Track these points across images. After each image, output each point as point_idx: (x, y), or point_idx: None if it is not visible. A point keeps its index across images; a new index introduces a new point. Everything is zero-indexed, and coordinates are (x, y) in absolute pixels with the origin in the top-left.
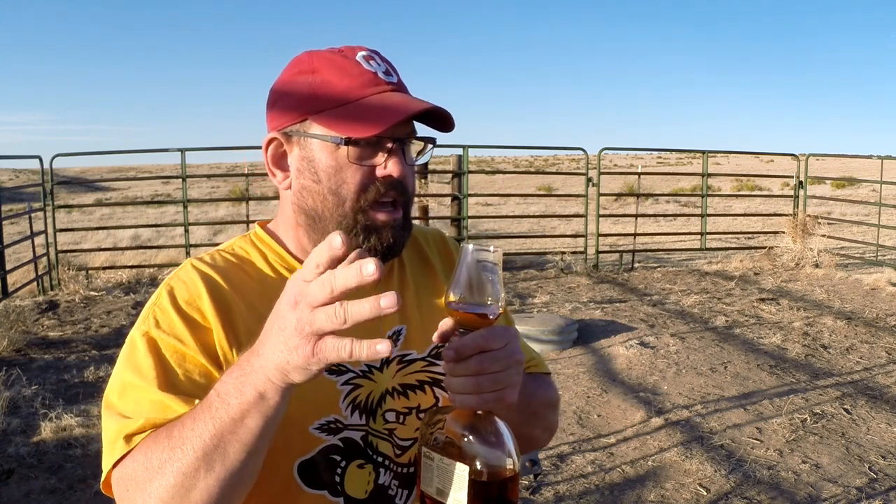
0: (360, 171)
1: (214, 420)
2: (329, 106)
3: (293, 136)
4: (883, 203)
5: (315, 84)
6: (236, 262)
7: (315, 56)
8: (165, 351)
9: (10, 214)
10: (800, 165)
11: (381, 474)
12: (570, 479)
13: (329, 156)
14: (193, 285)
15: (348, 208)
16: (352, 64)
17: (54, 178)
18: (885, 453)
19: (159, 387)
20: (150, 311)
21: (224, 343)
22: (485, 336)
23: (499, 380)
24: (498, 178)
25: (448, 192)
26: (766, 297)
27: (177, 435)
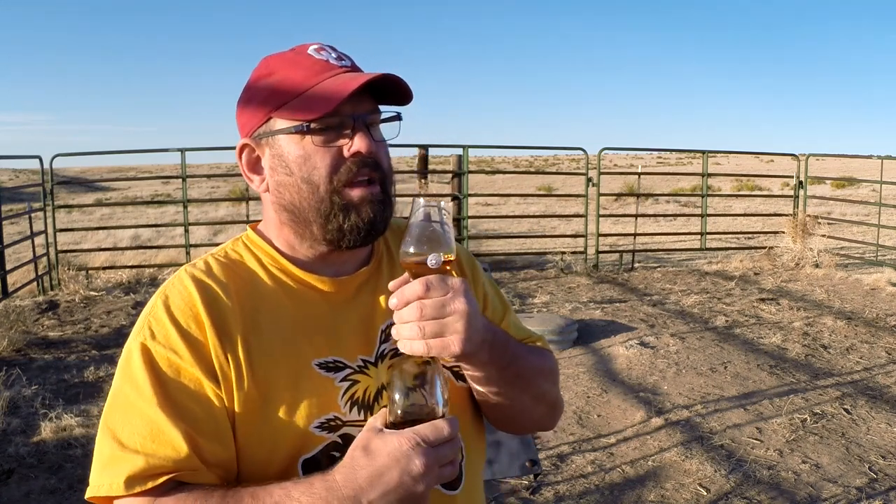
0: (328, 153)
1: None
2: (288, 99)
3: (262, 139)
4: (883, 203)
5: (272, 83)
6: (230, 265)
7: (271, 59)
8: (161, 363)
9: (10, 214)
10: (800, 165)
11: None
12: (570, 479)
13: (297, 146)
14: (188, 294)
15: (323, 192)
16: (304, 57)
17: (54, 178)
18: (885, 453)
19: (158, 405)
20: (145, 322)
21: (220, 352)
22: (423, 283)
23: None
24: (498, 178)
25: (448, 192)
26: (766, 297)
27: None
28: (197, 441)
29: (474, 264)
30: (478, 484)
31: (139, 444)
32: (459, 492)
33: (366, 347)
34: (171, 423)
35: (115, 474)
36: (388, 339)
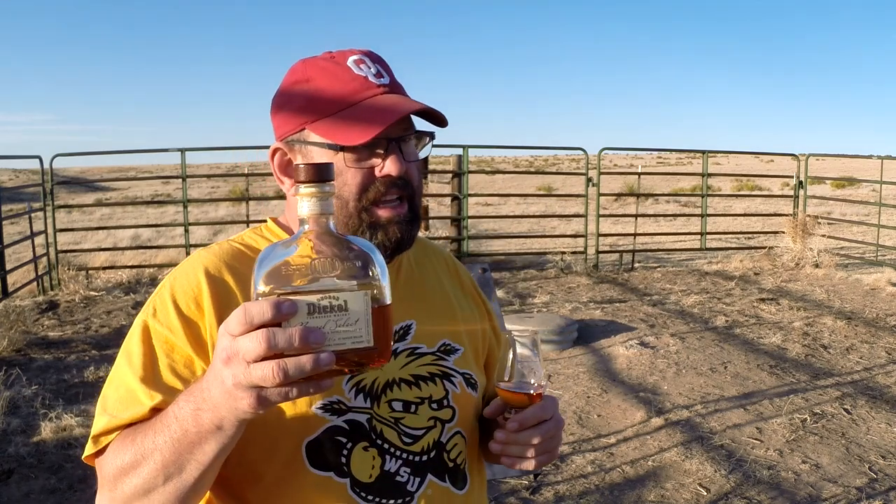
0: (359, 173)
1: (174, 442)
2: (323, 114)
3: (294, 145)
4: (883, 203)
5: (309, 93)
6: (244, 250)
7: (308, 64)
8: (156, 339)
9: (10, 214)
10: (800, 165)
11: (387, 460)
12: (570, 479)
13: (328, 160)
14: (194, 277)
15: (352, 209)
16: (343, 70)
17: (54, 178)
18: (885, 453)
19: (141, 377)
20: (152, 300)
21: (216, 334)
22: (542, 409)
23: (552, 444)
24: (498, 178)
25: (448, 192)
26: (766, 297)
27: (140, 443)
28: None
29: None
30: (481, 485)
31: (114, 409)
32: (465, 492)
33: None
34: (146, 392)
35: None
36: (401, 338)
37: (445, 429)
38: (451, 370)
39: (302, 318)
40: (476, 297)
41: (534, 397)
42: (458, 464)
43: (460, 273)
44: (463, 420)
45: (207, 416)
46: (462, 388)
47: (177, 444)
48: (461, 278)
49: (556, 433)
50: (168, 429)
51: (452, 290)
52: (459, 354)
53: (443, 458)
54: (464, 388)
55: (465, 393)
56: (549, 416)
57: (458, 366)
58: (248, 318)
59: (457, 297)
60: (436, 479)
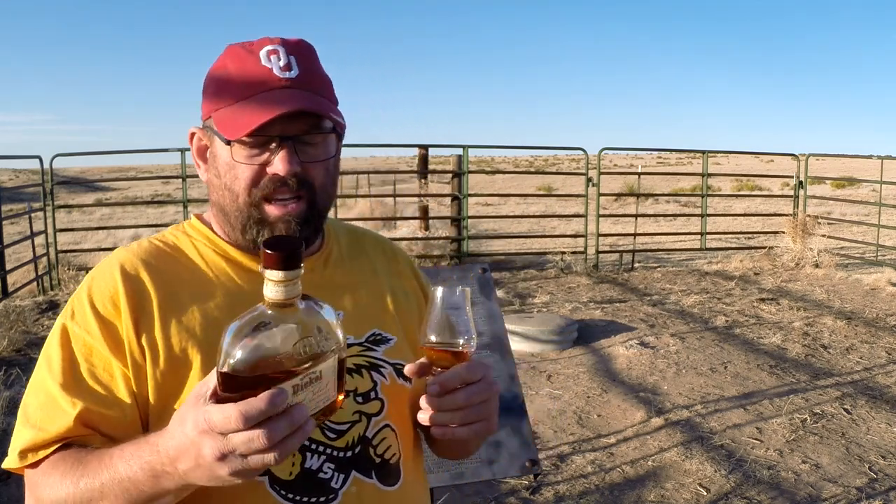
0: (249, 168)
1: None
2: (224, 104)
3: (208, 131)
4: (883, 203)
5: (220, 80)
6: (165, 248)
7: (228, 51)
8: (75, 343)
9: (10, 214)
10: (800, 165)
11: (308, 457)
12: (570, 479)
13: (225, 152)
14: (111, 277)
15: (241, 203)
16: (252, 60)
17: (54, 178)
18: (885, 453)
19: (61, 382)
20: (70, 302)
21: (133, 336)
22: (467, 369)
23: (483, 410)
24: (498, 178)
25: (448, 192)
26: (766, 297)
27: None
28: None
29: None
30: (418, 482)
31: (37, 419)
32: (396, 488)
33: None
34: (68, 400)
35: (14, 448)
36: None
37: (372, 422)
38: (380, 361)
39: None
40: (413, 281)
41: (459, 355)
42: (386, 459)
43: (399, 261)
44: (393, 413)
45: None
46: (392, 379)
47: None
48: (399, 266)
49: (487, 397)
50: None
51: (387, 277)
52: (391, 344)
53: (368, 454)
54: (394, 380)
55: (395, 384)
56: (478, 378)
57: (389, 356)
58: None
59: (392, 285)
60: (361, 476)
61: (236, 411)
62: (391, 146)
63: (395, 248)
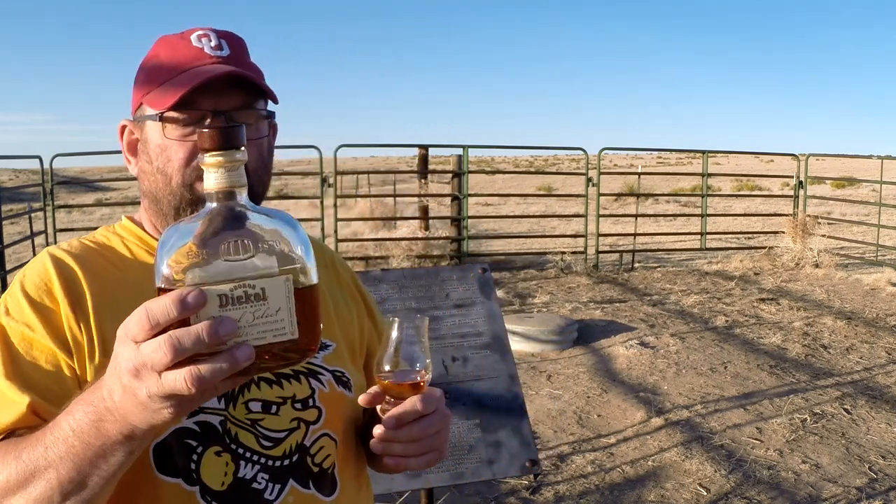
0: (182, 147)
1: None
2: (154, 86)
3: (137, 122)
4: (883, 203)
5: (150, 67)
6: (95, 247)
7: (160, 41)
8: (13, 337)
9: (10, 214)
10: (800, 165)
11: (241, 466)
12: (570, 479)
13: (157, 135)
14: (44, 270)
15: (174, 185)
16: (184, 43)
17: (54, 178)
18: (885, 453)
19: (5, 375)
20: (2, 299)
21: (73, 324)
22: (423, 401)
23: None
24: (498, 178)
25: (448, 192)
26: (766, 297)
27: (26, 459)
28: (43, 408)
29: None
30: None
31: None
32: (334, 498)
33: None
34: (16, 390)
35: None
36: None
37: (310, 431)
38: (319, 367)
39: (213, 311)
40: (355, 291)
41: (414, 387)
42: (324, 468)
43: (338, 267)
44: (331, 421)
45: (114, 427)
46: (331, 386)
47: (77, 459)
48: (338, 272)
49: (441, 427)
50: (63, 442)
51: (326, 284)
52: (330, 351)
53: (306, 463)
54: (333, 387)
55: (334, 392)
56: (431, 410)
57: (328, 363)
58: (152, 320)
59: (331, 291)
60: (298, 486)
61: (142, 309)
62: (391, 146)
63: (334, 255)
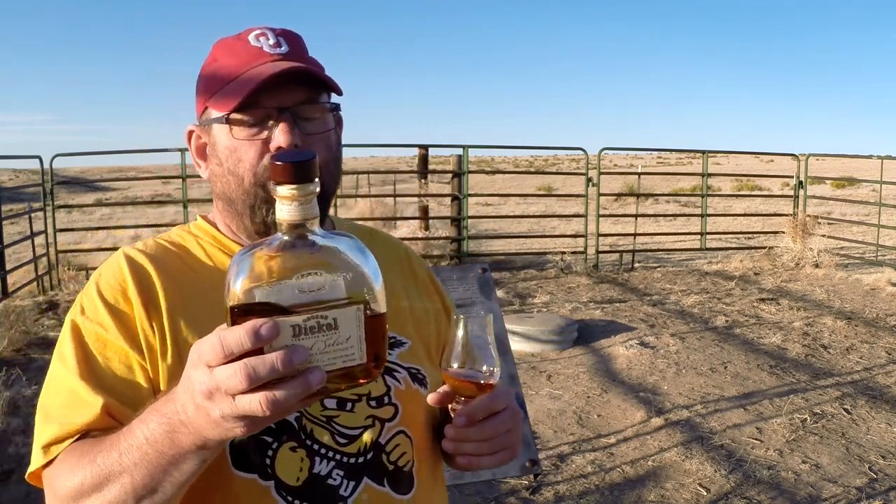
0: (252, 146)
1: (147, 464)
2: (217, 88)
3: (204, 126)
4: (883, 203)
5: (210, 71)
6: (170, 247)
7: (217, 44)
8: (88, 337)
9: (10, 214)
10: (800, 165)
11: (316, 462)
12: (570, 479)
13: (226, 137)
14: (119, 271)
15: (247, 185)
16: (242, 44)
17: (54, 178)
18: (885, 453)
19: (79, 374)
20: (79, 299)
21: (146, 325)
22: (493, 399)
23: (507, 439)
24: (498, 178)
25: (448, 192)
26: (766, 297)
27: (101, 463)
28: (116, 408)
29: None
30: (434, 488)
31: (60, 414)
32: (410, 497)
33: None
34: (90, 391)
35: (37, 445)
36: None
37: (385, 428)
38: (395, 365)
39: (286, 340)
40: (431, 289)
41: (483, 386)
42: (399, 466)
43: (414, 265)
44: (407, 418)
45: (187, 439)
46: (407, 383)
47: (150, 466)
48: (414, 269)
49: (512, 426)
50: (137, 450)
51: (401, 280)
52: (405, 348)
53: (381, 460)
54: (409, 384)
55: (410, 389)
56: (502, 408)
57: (404, 360)
58: (226, 349)
59: (407, 288)
60: (373, 483)
61: (216, 338)
62: (391, 146)
63: (410, 251)
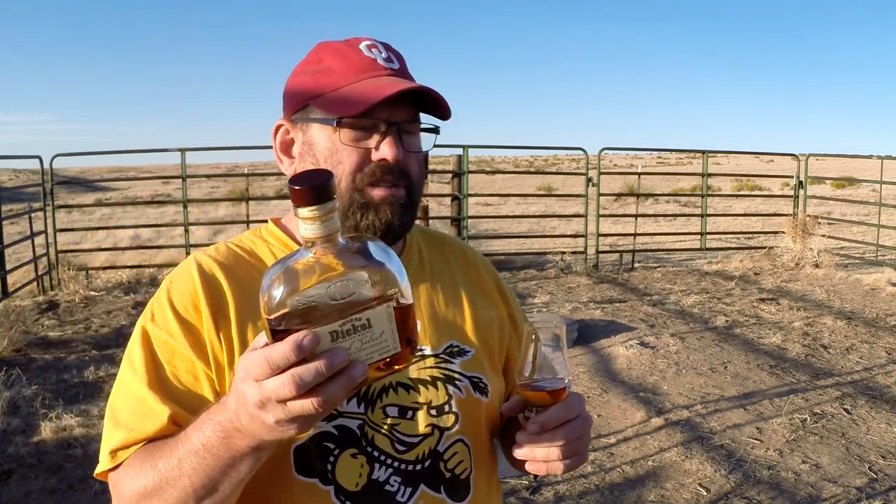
0: (354, 152)
1: (205, 468)
2: (327, 90)
3: (297, 123)
4: (883, 203)
5: (318, 72)
6: (242, 253)
7: (322, 46)
8: (157, 345)
9: (10, 214)
10: (800, 165)
11: (375, 468)
12: (570, 479)
13: (326, 138)
14: (190, 279)
15: (344, 188)
16: (353, 51)
17: (54, 178)
18: (885, 453)
19: (148, 383)
20: (150, 305)
21: (213, 336)
22: (566, 408)
23: (578, 445)
24: (498, 178)
25: (448, 192)
26: (766, 297)
27: (162, 469)
28: (182, 417)
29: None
30: (490, 496)
31: (128, 421)
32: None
33: None
34: (158, 400)
35: (105, 449)
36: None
37: (444, 436)
38: (457, 374)
39: (326, 346)
40: (496, 294)
41: (556, 394)
42: (457, 474)
43: (480, 268)
44: (467, 426)
45: (243, 443)
46: (468, 392)
47: (208, 470)
48: (480, 274)
49: (583, 433)
50: (194, 455)
51: (467, 287)
52: (469, 357)
53: (439, 468)
54: (470, 393)
55: (471, 398)
56: (575, 415)
57: (466, 369)
58: (272, 365)
59: (472, 294)
60: (429, 490)
61: (262, 356)
62: None
63: (478, 257)
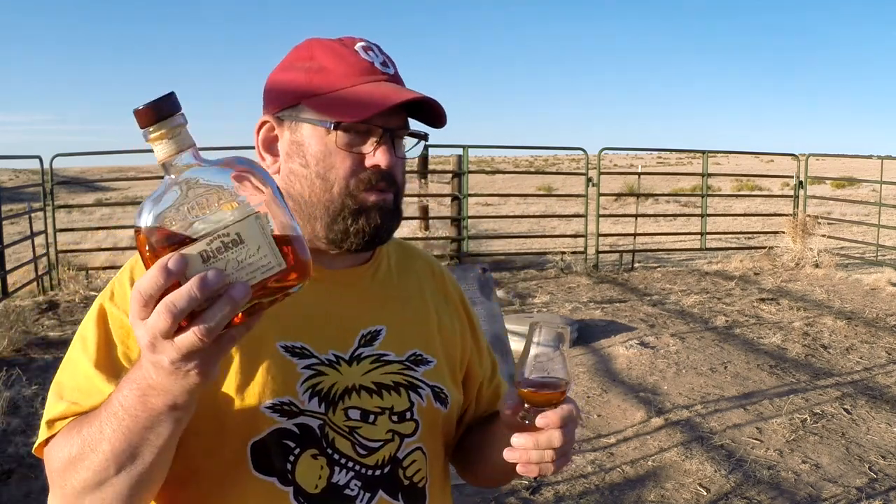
0: (348, 157)
1: (124, 429)
2: (323, 91)
3: (285, 120)
4: (883, 203)
5: (311, 70)
6: None
7: (315, 43)
8: (112, 324)
9: (10, 214)
10: (800, 165)
11: (335, 471)
12: (570, 479)
13: (319, 141)
14: None
15: (335, 193)
16: (350, 53)
17: (54, 178)
18: (885, 453)
19: (95, 362)
20: (111, 283)
21: None
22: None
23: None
24: (498, 178)
25: (448, 192)
26: (766, 297)
27: (86, 434)
28: None
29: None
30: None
31: (72, 396)
32: None
33: (340, 344)
34: (104, 380)
35: (43, 419)
36: (367, 343)
37: (404, 443)
38: (420, 381)
39: (198, 268)
40: (461, 309)
41: (556, 395)
42: (415, 482)
43: (447, 283)
44: (426, 435)
45: (158, 400)
46: (429, 401)
47: (127, 432)
48: (447, 288)
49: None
50: (114, 417)
51: (433, 300)
52: (431, 367)
53: (397, 475)
54: (431, 402)
55: (431, 407)
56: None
57: (428, 378)
58: (145, 295)
59: (438, 306)
60: (387, 497)
61: (135, 291)
62: None
63: (444, 270)
